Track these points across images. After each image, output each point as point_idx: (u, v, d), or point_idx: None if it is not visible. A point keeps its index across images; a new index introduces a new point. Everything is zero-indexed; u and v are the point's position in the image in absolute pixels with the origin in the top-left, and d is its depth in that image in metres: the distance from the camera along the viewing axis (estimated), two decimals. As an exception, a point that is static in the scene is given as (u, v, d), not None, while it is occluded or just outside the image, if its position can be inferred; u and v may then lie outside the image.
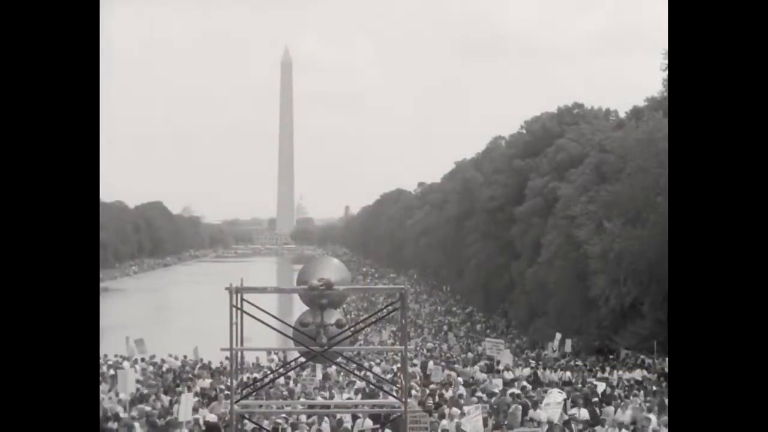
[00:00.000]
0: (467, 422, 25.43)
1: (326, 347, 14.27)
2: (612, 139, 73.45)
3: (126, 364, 46.90)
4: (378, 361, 54.10)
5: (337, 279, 14.53)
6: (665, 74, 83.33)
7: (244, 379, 32.73)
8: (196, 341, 54.74)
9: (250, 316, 13.99)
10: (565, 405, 32.19)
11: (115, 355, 52.73)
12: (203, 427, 27.78)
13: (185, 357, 51.68)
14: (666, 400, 35.40)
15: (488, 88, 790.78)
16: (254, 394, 28.52)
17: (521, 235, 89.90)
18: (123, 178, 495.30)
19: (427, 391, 37.75)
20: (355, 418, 30.20)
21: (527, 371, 49.66)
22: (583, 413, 32.38)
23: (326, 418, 30.58)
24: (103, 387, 36.19)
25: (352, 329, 14.92)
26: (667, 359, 49.50)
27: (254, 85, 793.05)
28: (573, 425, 29.67)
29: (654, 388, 40.15)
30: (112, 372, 41.15)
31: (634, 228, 60.51)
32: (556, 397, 32.81)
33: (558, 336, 60.83)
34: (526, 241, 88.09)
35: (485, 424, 27.60)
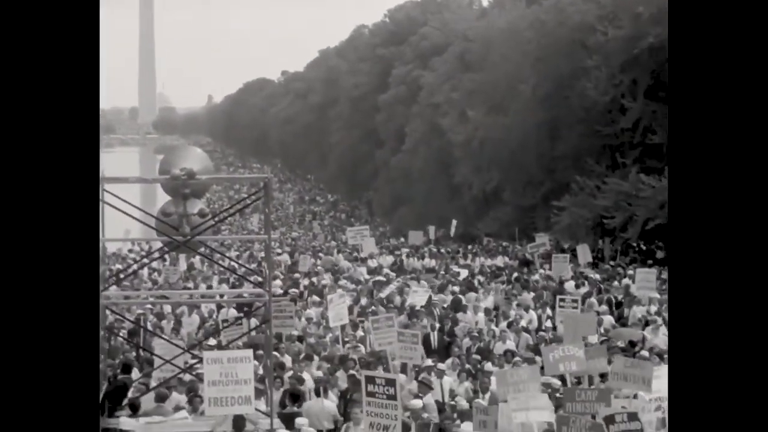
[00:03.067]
0: (331, 309, 25.64)
1: (189, 237, 14.17)
2: (475, 28, 73.52)
3: None
4: (243, 249, 54.04)
5: (200, 168, 14.41)
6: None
7: (107, 271, 32.36)
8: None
9: (112, 206, 13.80)
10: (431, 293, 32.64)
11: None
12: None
13: None
14: (529, 286, 36.23)
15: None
16: (117, 285, 28.31)
17: (385, 123, 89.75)
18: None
19: (291, 281, 37.93)
20: (219, 307, 30.19)
21: (390, 259, 50.10)
22: (447, 299, 32.96)
23: (189, 308, 30.53)
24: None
25: (215, 219, 14.84)
26: (528, 244, 50.65)
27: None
28: (436, 310, 30.14)
29: (515, 274, 40.86)
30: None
31: (497, 116, 60.96)
32: (424, 284, 33.47)
33: (454, 222, 61.50)
34: (390, 130, 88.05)
35: (350, 312, 27.87)
